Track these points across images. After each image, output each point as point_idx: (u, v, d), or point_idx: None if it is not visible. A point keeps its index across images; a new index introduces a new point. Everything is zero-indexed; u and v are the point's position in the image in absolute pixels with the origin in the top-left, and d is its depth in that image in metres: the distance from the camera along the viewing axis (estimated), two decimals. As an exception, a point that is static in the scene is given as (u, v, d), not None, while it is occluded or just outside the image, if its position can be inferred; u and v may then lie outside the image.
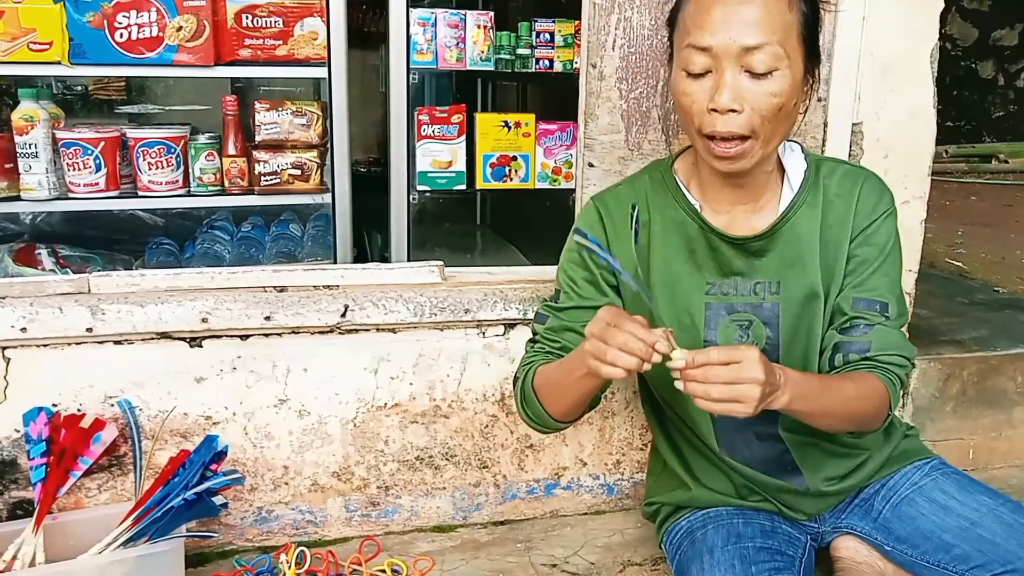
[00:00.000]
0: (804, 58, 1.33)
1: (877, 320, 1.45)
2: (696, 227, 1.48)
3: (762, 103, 1.29)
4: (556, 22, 2.44)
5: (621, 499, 2.06)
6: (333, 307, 1.80)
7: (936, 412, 2.22)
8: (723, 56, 1.28)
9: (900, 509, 1.56)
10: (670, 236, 1.50)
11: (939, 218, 4.90)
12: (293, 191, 2.34)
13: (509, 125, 2.47)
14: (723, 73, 1.29)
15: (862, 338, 1.44)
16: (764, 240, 1.45)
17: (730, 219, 1.47)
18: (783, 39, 1.28)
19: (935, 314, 2.55)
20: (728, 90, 1.28)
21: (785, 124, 1.35)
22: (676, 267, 1.49)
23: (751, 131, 1.31)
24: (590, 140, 1.87)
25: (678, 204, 1.49)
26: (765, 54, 1.27)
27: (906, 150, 2.01)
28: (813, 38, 1.35)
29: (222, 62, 2.22)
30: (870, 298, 1.46)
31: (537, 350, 1.56)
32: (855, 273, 1.47)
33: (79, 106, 2.69)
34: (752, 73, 1.28)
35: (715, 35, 1.28)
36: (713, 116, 1.30)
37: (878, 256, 1.47)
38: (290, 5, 2.25)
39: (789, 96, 1.31)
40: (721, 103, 1.28)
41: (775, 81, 1.29)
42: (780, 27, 1.28)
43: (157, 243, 2.46)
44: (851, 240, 1.47)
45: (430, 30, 2.37)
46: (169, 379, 1.77)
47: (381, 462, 1.91)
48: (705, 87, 1.31)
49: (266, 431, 1.84)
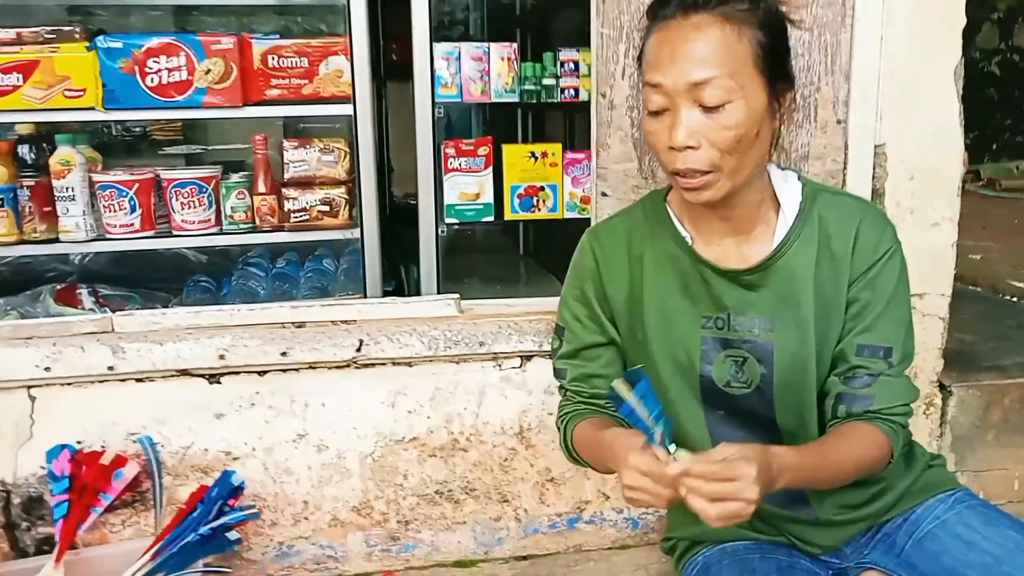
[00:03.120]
0: (765, 86, 1.30)
1: (880, 369, 1.40)
2: (688, 260, 1.45)
3: (718, 137, 1.27)
4: (580, 51, 2.43)
5: (646, 533, 2.02)
6: (348, 342, 1.82)
7: (977, 441, 2.13)
8: (674, 93, 1.27)
9: (923, 545, 1.49)
10: (663, 269, 1.47)
11: (1006, 237, 4.73)
12: (322, 227, 2.37)
13: (536, 155, 2.46)
14: (678, 111, 1.27)
15: (865, 391, 1.39)
16: (757, 274, 1.42)
17: (722, 251, 1.44)
18: (734, 71, 1.26)
19: (979, 339, 2.45)
20: (682, 127, 1.27)
21: (751, 155, 1.32)
22: (671, 301, 1.46)
23: (711, 166, 1.29)
24: (603, 170, 1.86)
25: (670, 237, 1.47)
26: (715, 88, 1.25)
27: (933, 171, 1.95)
28: (775, 63, 1.32)
29: (250, 102, 2.27)
30: (874, 344, 1.40)
31: (569, 399, 1.57)
32: (859, 318, 1.42)
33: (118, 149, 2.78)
34: (705, 107, 1.26)
35: (665, 73, 1.27)
36: (674, 154, 1.30)
37: (882, 300, 1.41)
38: (315, 45, 2.30)
39: (747, 127, 1.28)
40: (676, 141, 1.27)
41: (729, 114, 1.26)
42: (729, 59, 1.26)
43: (195, 281, 2.51)
44: (852, 281, 1.42)
45: (454, 64, 2.38)
46: (189, 415, 1.81)
47: (400, 496, 1.91)
48: (665, 125, 1.30)
49: (285, 466, 1.86)
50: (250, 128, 2.43)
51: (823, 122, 1.88)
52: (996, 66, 7.43)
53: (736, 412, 1.48)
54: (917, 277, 1.76)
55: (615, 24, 1.79)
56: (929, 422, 2.13)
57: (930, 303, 2.04)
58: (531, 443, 1.92)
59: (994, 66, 7.42)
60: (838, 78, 1.86)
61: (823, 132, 1.88)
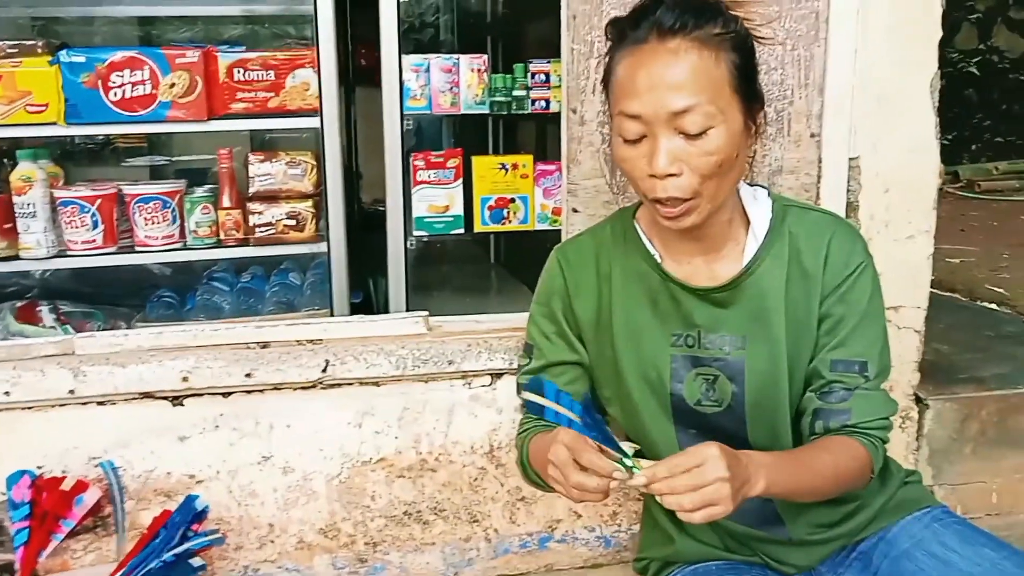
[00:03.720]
0: (741, 108, 1.28)
1: (856, 383, 1.38)
2: (658, 278, 1.43)
3: (701, 163, 1.24)
4: (551, 63, 2.41)
5: (619, 551, 2.00)
6: (314, 362, 1.78)
7: (954, 455, 2.12)
8: (654, 122, 1.24)
9: (900, 564, 1.48)
10: (632, 288, 1.45)
11: (984, 241, 4.74)
12: (288, 241, 2.34)
13: (506, 167, 2.44)
14: (657, 138, 1.24)
15: (842, 405, 1.38)
16: (727, 292, 1.40)
17: (692, 270, 1.43)
18: (713, 96, 1.23)
19: (956, 350, 2.44)
20: (664, 155, 1.24)
21: (730, 177, 1.31)
22: (640, 319, 1.45)
23: (692, 192, 1.26)
24: (573, 185, 1.83)
25: (639, 255, 1.45)
26: (697, 115, 1.22)
27: (908, 184, 1.94)
28: (749, 84, 1.30)
29: (215, 116, 2.24)
30: (848, 359, 1.39)
31: (529, 417, 1.55)
32: (832, 333, 1.40)
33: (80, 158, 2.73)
34: (686, 135, 1.24)
35: (643, 103, 1.23)
36: (653, 181, 1.27)
37: (855, 315, 1.39)
38: (281, 57, 2.26)
39: (728, 151, 1.26)
40: (658, 169, 1.24)
41: (711, 140, 1.24)
42: (709, 85, 1.23)
43: (158, 296, 2.47)
44: (823, 297, 1.40)
45: (423, 76, 2.36)
46: (152, 439, 1.77)
47: (368, 518, 1.87)
48: (642, 152, 1.27)
49: (250, 489, 1.82)
50: (215, 141, 2.39)
51: (797, 136, 1.86)
52: (975, 66, 7.48)
53: (708, 430, 1.46)
54: (892, 290, 1.75)
55: (585, 40, 1.77)
56: (906, 436, 2.12)
57: (906, 316, 2.02)
58: (501, 462, 1.89)
59: (972, 66, 7.47)
60: (812, 92, 1.84)
61: (797, 146, 1.86)
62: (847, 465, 1.34)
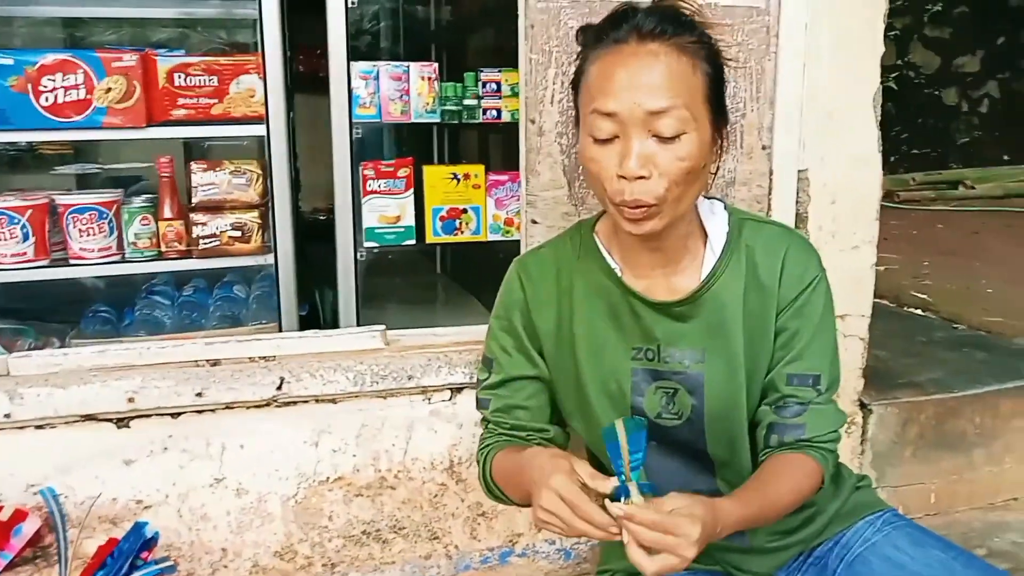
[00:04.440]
0: (711, 120, 1.29)
1: (809, 397, 1.41)
2: (618, 292, 1.43)
3: (671, 168, 1.25)
4: (502, 71, 2.40)
5: (579, 563, 1.99)
6: (268, 380, 1.73)
7: (896, 458, 2.18)
8: (629, 122, 1.23)
9: (854, 568, 1.51)
10: (593, 301, 1.45)
11: (906, 249, 4.91)
12: (233, 253, 2.27)
13: (458, 177, 2.41)
14: (630, 139, 1.24)
15: (796, 420, 1.40)
16: (686, 305, 1.40)
17: (651, 283, 1.43)
18: (689, 102, 1.24)
19: (893, 356, 2.51)
20: (636, 156, 1.23)
21: (694, 186, 1.31)
22: (601, 333, 1.44)
23: (657, 198, 1.26)
24: (532, 196, 1.82)
25: (599, 268, 1.44)
26: (672, 118, 1.23)
27: (853, 195, 1.98)
28: (719, 99, 1.32)
29: (155, 123, 2.15)
30: (803, 373, 1.41)
31: (491, 431, 1.53)
32: (788, 347, 1.42)
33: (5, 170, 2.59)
34: (660, 137, 1.24)
35: (620, 100, 1.23)
36: (622, 183, 1.26)
37: (810, 328, 1.42)
38: (225, 63, 2.19)
39: (698, 159, 1.27)
40: (630, 170, 1.24)
41: (683, 145, 1.24)
42: (685, 90, 1.24)
43: (94, 311, 2.36)
44: (780, 310, 1.42)
45: (373, 83, 2.31)
46: (96, 463, 1.68)
47: (326, 539, 1.82)
48: (613, 152, 1.26)
49: (202, 512, 1.75)
50: (155, 149, 2.30)
51: (749, 148, 1.88)
52: (893, 81, 7.77)
53: (667, 443, 1.47)
54: (839, 299, 1.77)
55: (543, 49, 1.75)
56: (851, 440, 2.17)
57: (851, 324, 2.07)
58: (462, 477, 1.86)
59: (891, 81, 7.77)
60: (763, 105, 1.87)
61: (749, 158, 1.89)
62: (804, 485, 1.38)
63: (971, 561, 1.43)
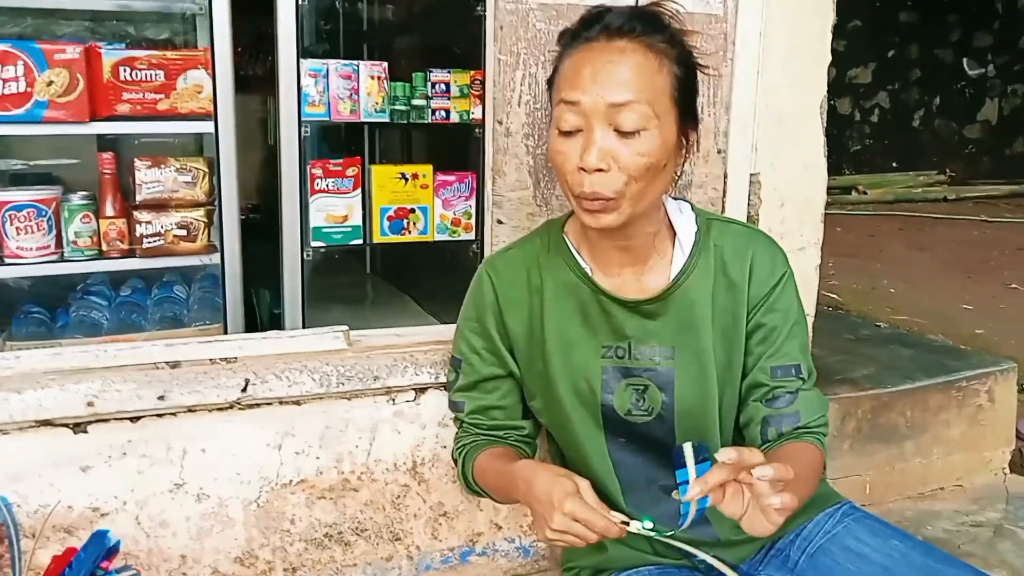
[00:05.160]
0: (677, 121, 1.33)
1: (796, 386, 1.46)
2: (588, 290, 1.46)
3: (630, 163, 1.28)
4: (452, 72, 2.40)
5: (537, 561, 2.01)
6: (233, 382, 1.69)
7: (835, 451, 2.28)
8: (592, 114, 1.27)
9: (816, 559, 1.56)
10: (563, 300, 1.48)
11: (820, 251, 5.11)
12: (179, 252, 2.20)
13: (406, 177, 2.40)
14: (592, 131, 1.28)
15: (789, 409, 1.45)
16: (656, 303, 1.44)
17: (620, 282, 1.46)
18: (652, 99, 1.28)
19: (826, 352, 2.62)
20: (596, 149, 1.27)
21: (656, 184, 1.35)
22: (571, 331, 1.47)
23: (616, 193, 1.30)
24: (498, 197, 1.83)
25: (569, 267, 1.47)
26: (633, 112, 1.26)
27: (800, 198, 2.07)
28: (687, 101, 1.35)
29: (98, 118, 2.08)
30: (785, 364, 1.46)
31: (467, 430, 1.56)
32: (767, 342, 1.47)
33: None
34: (620, 132, 1.27)
35: (585, 91, 1.27)
36: (582, 175, 1.30)
37: (788, 323, 1.47)
38: (172, 57, 2.13)
39: (659, 157, 1.30)
40: (589, 162, 1.27)
41: (643, 141, 1.28)
42: (649, 87, 1.28)
43: (26, 312, 2.25)
44: (753, 308, 1.47)
45: (322, 81, 2.28)
46: (50, 470, 1.62)
47: (287, 543, 1.79)
48: (576, 145, 1.30)
49: (161, 519, 1.70)
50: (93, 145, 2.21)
51: (705, 151, 1.94)
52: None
53: (637, 439, 1.50)
54: (787, 298, 1.86)
55: (512, 51, 1.77)
56: (793, 435, 2.25)
57: (795, 323, 2.15)
58: (424, 478, 1.86)
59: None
60: (719, 110, 1.93)
61: (705, 161, 1.95)
62: (817, 468, 1.43)
63: (929, 551, 1.50)
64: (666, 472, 1.54)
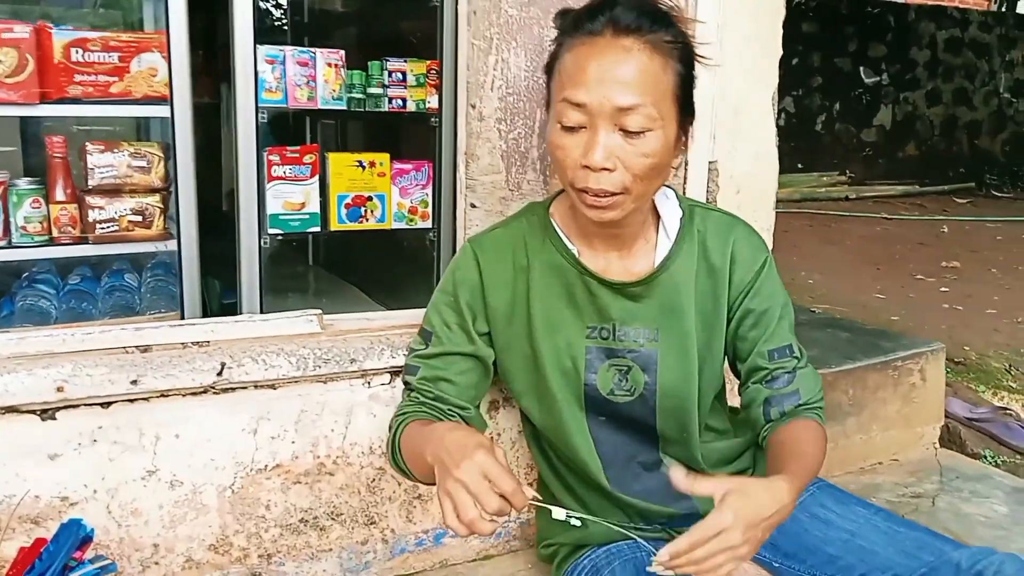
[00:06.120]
0: (677, 117, 1.35)
1: (794, 365, 1.51)
2: (575, 272, 1.48)
3: (635, 163, 1.30)
4: (408, 61, 2.40)
5: (508, 541, 2.03)
6: (208, 365, 1.66)
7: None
8: (597, 114, 1.28)
9: (784, 526, 1.59)
10: (549, 281, 1.50)
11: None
12: (134, 239, 2.14)
13: (364, 165, 2.39)
14: (597, 131, 1.28)
15: (789, 388, 1.50)
16: (642, 286, 1.47)
17: (606, 264, 1.49)
18: (657, 100, 1.29)
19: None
20: (601, 149, 1.28)
21: (657, 180, 1.38)
22: (557, 312, 1.50)
23: (623, 188, 1.31)
24: (472, 181, 1.85)
25: (556, 249, 1.50)
26: (639, 115, 1.27)
27: (755, 186, 2.15)
28: (687, 97, 1.37)
29: (48, 100, 2.00)
30: (780, 346, 1.51)
31: (412, 399, 1.54)
32: (760, 326, 1.51)
33: None
34: (626, 132, 1.28)
35: (590, 92, 1.27)
36: (586, 172, 1.30)
37: (777, 306, 1.52)
38: (126, 39, 2.07)
39: (662, 155, 1.32)
40: (594, 161, 1.28)
41: (648, 141, 1.29)
42: (654, 88, 1.28)
43: (-33, 301, 2.17)
44: (739, 294, 1.51)
45: (279, 68, 2.26)
46: (16, 459, 1.56)
47: (262, 529, 1.77)
48: (579, 142, 1.30)
49: (132, 507, 1.66)
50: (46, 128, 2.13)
51: (667, 139, 2.00)
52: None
53: (617, 418, 1.54)
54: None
55: (485, 36, 1.79)
56: (745, 414, 2.33)
57: (748, 306, 2.23)
58: (399, 461, 1.87)
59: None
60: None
61: (667, 148, 2.00)
62: (822, 445, 1.47)
63: (889, 516, 1.58)
64: (646, 449, 1.58)
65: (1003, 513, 2.30)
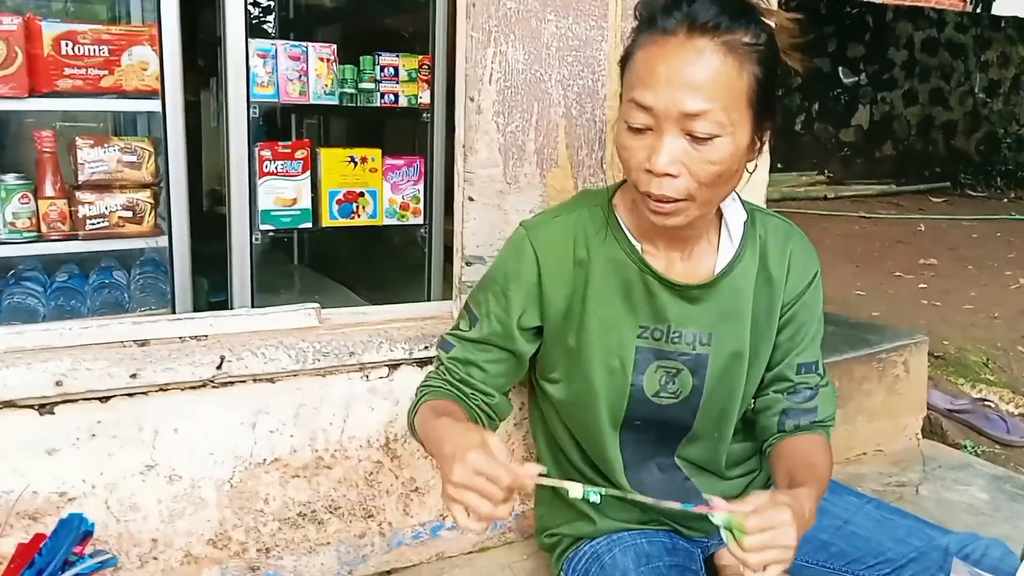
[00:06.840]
0: (752, 123, 1.26)
1: (816, 383, 1.51)
2: (636, 269, 1.43)
3: (700, 169, 1.23)
4: (400, 56, 2.41)
5: (504, 533, 2.04)
6: (208, 359, 1.65)
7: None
8: (663, 117, 1.21)
9: None
10: (608, 277, 1.44)
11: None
12: (124, 235, 2.13)
13: (355, 160, 2.40)
14: (663, 134, 1.22)
15: (809, 404, 1.50)
16: (703, 289, 1.43)
17: (668, 264, 1.44)
18: (728, 105, 1.21)
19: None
20: (665, 154, 1.22)
21: (726, 187, 1.31)
22: (612, 308, 1.44)
23: (687, 195, 1.25)
24: (470, 174, 1.85)
25: (619, 244, 1.44)
26: (707, 121, 1.20)
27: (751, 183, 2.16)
28: (765, 100, 1.27)
29: (38, 93, 1.99)
30: (809, 361, 1.51)
31: (439, 373, 1.51)
32: (795, 339, 1.50)
33: None
34: (693, 137, 1.21)
35: (657, 96, 1.21)
36: (649, 176, 1.25)
37: (815, 321, 1.51)
38: (117, 32, 2.06)
39: (730, 164, 1.25)
40: (658, 166, 1.22)
41: (716, 148, 1.22)
42: (726, 92, 1.21)
43: (-46, 299, 2.14)
44: (786, 302, 1.48)
45: (271, 62, 2.26)
46: (14, 454, 1.55)
47: (261, 523, 1.77)
48: (644, 144, 1.25)
49: (131, 502, 1.65)
50: (36, 123, 2.12)
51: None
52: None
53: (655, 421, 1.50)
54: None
55: (484, 28, 1.79)
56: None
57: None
58: (397, 454, 1.87)
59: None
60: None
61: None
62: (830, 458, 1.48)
63: (880, 504, 1.61)
64: (665, 450, 1.57)
65: (984, 500, 2.35)
